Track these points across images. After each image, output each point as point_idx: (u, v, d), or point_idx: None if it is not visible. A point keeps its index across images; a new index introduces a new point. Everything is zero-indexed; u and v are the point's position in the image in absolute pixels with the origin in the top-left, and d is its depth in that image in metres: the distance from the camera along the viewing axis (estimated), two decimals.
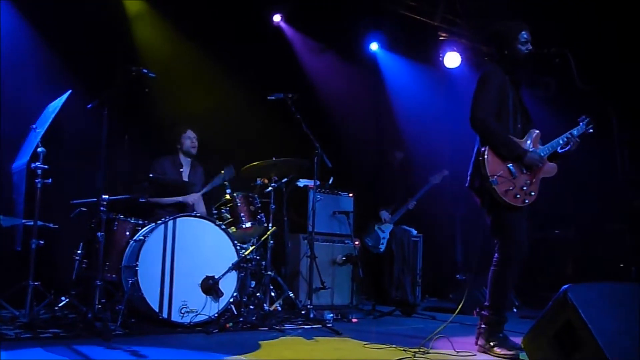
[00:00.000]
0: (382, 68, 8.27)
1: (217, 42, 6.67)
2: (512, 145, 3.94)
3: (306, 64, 7.57)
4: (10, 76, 5.35)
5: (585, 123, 4.16)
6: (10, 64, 5.22)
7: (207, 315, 4.61)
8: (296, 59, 7.54)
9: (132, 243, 4.82)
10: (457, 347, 3.92)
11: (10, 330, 4.04)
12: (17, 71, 5.43)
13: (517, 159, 3.94)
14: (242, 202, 5.25)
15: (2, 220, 4.75)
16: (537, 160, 3.95)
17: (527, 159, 3.93)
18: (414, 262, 6.69)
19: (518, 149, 3.94)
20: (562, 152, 4.08)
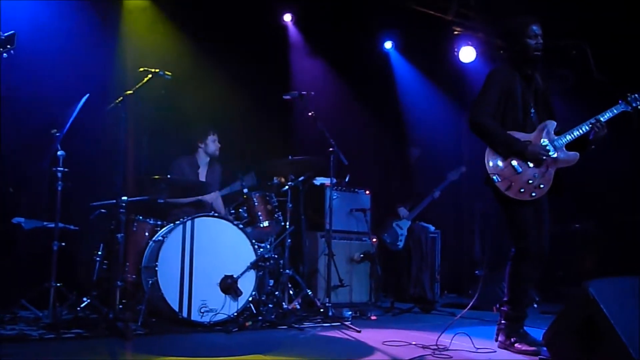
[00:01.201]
0: (396, 65, 8.24)
1: (232, 42, 6.69)
2: (509, 143, 3.92)
3: (319, 62, 7.55)
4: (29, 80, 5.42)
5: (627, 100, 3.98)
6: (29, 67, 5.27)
7: (227, 314, 4.64)
8: (310, 57, 7.53)
9: (151, 244, 4.86)
10: (477, 343, 3.91)
11: (34, 331, 4.11)
12: (36, 74, 5.50)
13: (518, 155, 3.91)
14: (259, 202, 5.26)
15: (24, 223, 4.83)
16: (538, 152, 3.91)
17: (528, 154, 3.91)
18: (432, 258, 6.67)
19: (517, 145, 3.91)
20: (593, 138, 4.02)
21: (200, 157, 5.80)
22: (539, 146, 3.93)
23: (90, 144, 5.56)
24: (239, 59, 6.66)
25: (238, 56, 6.65)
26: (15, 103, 5.42)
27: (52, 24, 5.66)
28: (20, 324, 4.37)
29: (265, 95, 6.61)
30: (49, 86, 5.53)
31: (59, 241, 4.52)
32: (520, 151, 3.90)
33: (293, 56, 7.40)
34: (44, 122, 4.73)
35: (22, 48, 3.53)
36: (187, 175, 5.63)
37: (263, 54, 7.03)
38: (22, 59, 3.64)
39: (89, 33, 5.87)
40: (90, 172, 5.47)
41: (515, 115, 4.01)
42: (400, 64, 8.22)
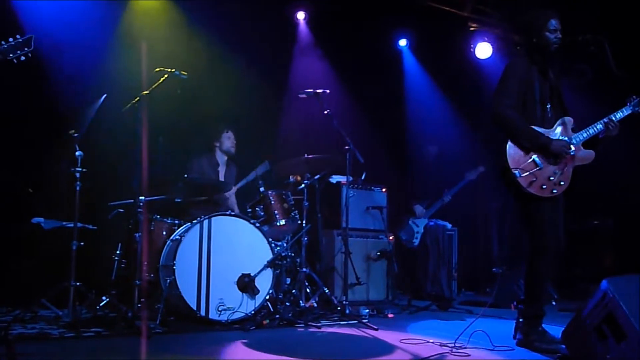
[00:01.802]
0: (412, 62, 8.21)
1: (247, 41, 6.71)
2: (533, 137, 3.88)
3: (334, 60, 7.54)
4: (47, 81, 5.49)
5: (634, 104, 4.01)
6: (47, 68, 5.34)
7: (244, 313, 4.66)
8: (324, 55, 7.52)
9: (169, 243, 4.90)
10: (495, 341, 3.88)
11: (54, 330, 4.16)
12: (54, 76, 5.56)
13: (541, 149, 3.88)
14: (275, 200, 5.28)
15: (43, 223, 4.88)
16: (563, 148, 3.87)
17: (553, 148, 3.87)
18: (449, 256, 6.64)
19: (540, 139, 3.87)
20: (602, 137, 3.99)
21: (218, 156, 5.86)
22: (563, 141, 3.90)
23: (108, 144, 5.61)
24: (253, 57, 6.68)
25: (252, 55, 6.67)
26: (33, 104, 5.49)
27: (70, 24, 5.71)
28: (40, 322, 4.43)
29: (281, 93, 6.63)
30: (66, 87, 5.59)
31: (78, 241, 4.57)
32: (545, 145, 3.86)
33: (307, 54, 7.39)
34: (62, 123, 4.78)
35: (40, 49, 3.56)
36: (207, 173, 5.68)
37: (277, 53, 7.04)
38: (40, 60, 3.67)
39: (105, 33, 5.92)
40: (108, 172, 5.52)
41: (532, 109, 3.98)
42: (416, 61, 8.19)
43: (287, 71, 7.19)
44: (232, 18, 6.55)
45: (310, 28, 7.45)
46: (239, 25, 6.62)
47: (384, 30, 7.85)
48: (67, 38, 5.63)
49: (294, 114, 6.89)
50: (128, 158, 4.81)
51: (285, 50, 7.28)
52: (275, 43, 7.02)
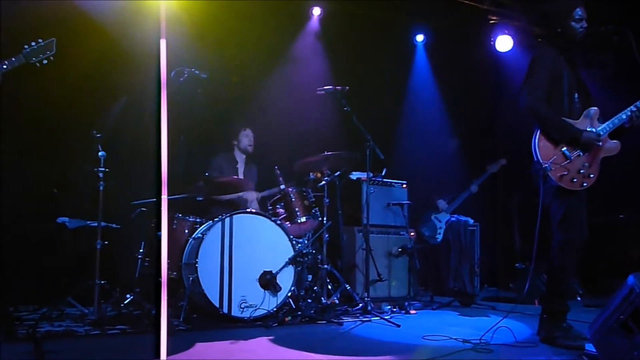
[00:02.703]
0: (431, 56, 8.15)
1: (267, 37, 6.72)
2: (564, 127, 3.83)
3: (355, 56, 7.52)
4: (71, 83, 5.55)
5: None
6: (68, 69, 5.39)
7: (266, 310, 4.68)
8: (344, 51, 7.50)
9: (191, 241, 4.94)
10: (519, 337, 3.86)
11: (80, 327, 4.22)
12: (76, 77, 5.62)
13: (572, 141, 3.82)
14: (296, 197, 5.29)
15: (68, 222, 4.95)
16: (593, 139, 3.82)
17: (583, 139, 3.81)
18: (471, 251, 6.59)
19: (571, 130, 3.82)
20: (628, 127, 3.92)
21: (237, 154, 5.90)
22: (594, 133, 3.84)
23: (130, 144, 5.66)
24: (275, 53, 6.69)
25: (274, 51, 6.68)
26: (57, 106, 5.56)
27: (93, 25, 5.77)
28: (67, 320, 4.51)
29: (300, 90, 6.63)
30: (89, 88, 5.65)
31: (102, 240, 4.62)
32: (576, 137, 3.81)
33: (325, 49, 7.37)
34: (85, 124, 4.84)
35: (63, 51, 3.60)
36: (226, 172, 5.71)
37: (295, 48, 7.04)
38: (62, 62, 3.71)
39: (126, 34, 5.96)
40: (130, 172, 5.57)
41: (560, 100, 3.92)
42: (435, 55, 8.13)
43: (306, 67, 7.17)
44: (248, 13, 6.55)
45: (324, 23, 7.40)
46: (257, 21, 6.63)
47: (402, 23, 7.78)
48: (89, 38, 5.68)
49: (313, 111, 6.88)
50: (150, 157, 4.85)
51: (304, 47, 7.27)
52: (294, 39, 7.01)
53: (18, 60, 3.39)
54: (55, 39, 3.50)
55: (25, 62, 3.40)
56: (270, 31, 6.73)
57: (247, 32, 6.57)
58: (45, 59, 3.46)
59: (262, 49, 6.73)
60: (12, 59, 3.37)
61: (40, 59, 3.45)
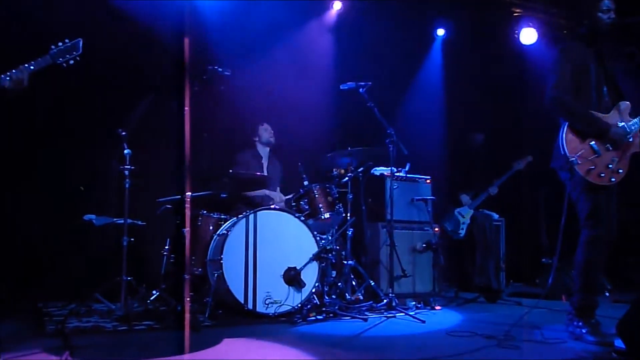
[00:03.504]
0: (453, 50, 8.08)
1: (287, 33, 6.72)
2: (592, 121, 3.77)
3: (377, 51, 7.48)
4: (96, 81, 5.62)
5: None
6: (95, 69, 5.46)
7: (291, 306, 4.69)
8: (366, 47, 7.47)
9: (215, 237, 4.97)
10: (547, 334, 3.81)
11: (107, 323, 4.27)
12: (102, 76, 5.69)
13: (600, 135, 3.76)
14: (319, 193, 5.28)
15: (95, 220, 5.02)
16: (622, 134, 3.76)
17: (612, 134, 3.75)
18: (496, 246, 6.53)
19: (600, 124, 3.76)
20: None
21: (260, 149, 5.93)
22: (622, 127, 3.78)
23: (155, 141, 5.72)
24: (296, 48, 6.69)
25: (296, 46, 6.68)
26: (83, 105, 5.64)
27: (117, 25, 5.83)
28: (94, 316, 4.56)
29: (322, 86, 6.63)
30: (114, 87, 5.72)
31: (128, 237, 4.67)
32: (604, 131, 3.75)
33: (346, 44, 7.34)
34: (111, 122, 4.89)
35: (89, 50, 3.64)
36: (252, 167, 5.75)
37: (315, 44, 7.03)
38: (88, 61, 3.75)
39: (150, 33, 6.01)
40: (155, 169, 5.63)
41: (589, 93, 3.86)
42: (458, 48, 8.05)
43: (328, 63, 7.16)
44: (266, 9, 6.56)
45: (344, 17, 7.36)
46: (278, 18, 6.63)
47: (423, 17, 7.72)
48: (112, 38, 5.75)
49: (336, 107, 6.87)
50: (174, 154, 4.90)
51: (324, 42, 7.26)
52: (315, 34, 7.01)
53: (45, 61, 3.42)
54: (82, 38, 3.52)
55: (51, 62, 3.43)
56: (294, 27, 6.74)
57: (270, 29, 6.59)
58: (71, 59, 3.48)
59: (286, 44, 6.74)
60: (38, 60, 3.40)
61: (67, 59, 3.47)
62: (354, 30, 7.31)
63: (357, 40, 7.28)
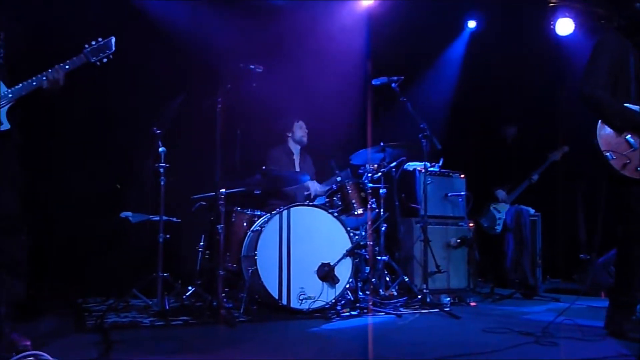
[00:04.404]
0: (486, 41, 7.96)
1: (318, 29, 6.72)
2: (628, 116, 3.67)
3: (406, 45, 7.42)
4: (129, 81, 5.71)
5: None
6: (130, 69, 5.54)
7: (325, 302, 4.70)
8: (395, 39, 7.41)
9: (249, 233, 5.01)
10: (585, 331, 3.74)
11: (145, 318, 4.35)
12: (137, 75, 5.78)
13: (636, 128, 3.67)
14: (352, 189, 5.28)
15: (131, 217, 5.10)
16: None
17: None
18: (533, 242, 6.43)
19: (634, 117, 3.67)
20: None
21: (292, 146, 5.94)
22: None
23: (189, 139, 5.79)
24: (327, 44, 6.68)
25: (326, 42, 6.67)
26: (118, 104, 5.73)
27: (147, 24, 5.91)
28: (132, 311, 4.65)
29: (353, 82, 6.61)
30: (147, 86, 5.80)
31: (164, 233, 4.74)
32: (639, 125, 3.67)
33: (376, 39, 7.30)
34: (145, 120, 4.96)
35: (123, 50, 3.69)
36: (284, 164, 5.77)
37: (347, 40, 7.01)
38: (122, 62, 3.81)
39: (181, 32, 6.08)
40: (190, 167, 5.70)
41: (627, 87, 3.76)
42: (491, 40, 7.93)
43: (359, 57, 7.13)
44: (299, 5, 6.57)
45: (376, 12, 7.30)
46: (309, 14, 6.64)
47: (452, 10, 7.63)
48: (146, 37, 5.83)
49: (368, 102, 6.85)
50: (208, 152, 4.95)
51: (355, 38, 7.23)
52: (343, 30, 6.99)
53: (79, 60, 3.47)
54: (114, 37, 3.57)
55: (86, 61, 3.48)
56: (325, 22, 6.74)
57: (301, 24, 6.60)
58: (105, 58, 3.53)
59: (317, 39, 6.74)
60: (73, 59, 3.45)
61: (100, 58, 3.51)
62: (385, 25, 7.26)
63: (389, 34, 7.23)
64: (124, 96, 5.73)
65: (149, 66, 5.83)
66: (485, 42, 7.91)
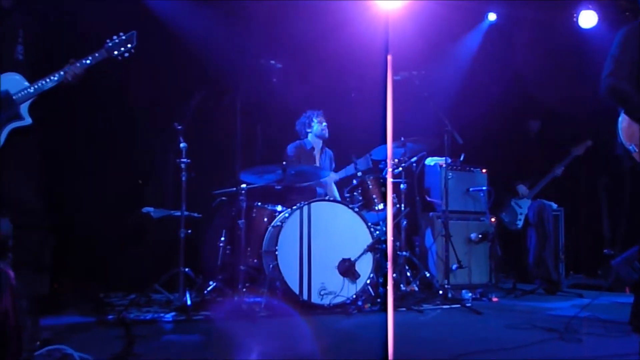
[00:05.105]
0: (509, 34, 7.87)
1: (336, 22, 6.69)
2: None
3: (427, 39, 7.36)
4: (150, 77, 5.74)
5: None
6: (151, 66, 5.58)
7: (345, 297, 4.69)
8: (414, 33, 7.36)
9: (270, 229, 5.01)
10: (609, 327, 3.69)
11: (166, 313, 4.37)
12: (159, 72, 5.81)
13: None
14: (373, 184, 5.25)
15: (153, 212, 5.14)
16: None
17: None
18: (555, 237, 6.36)
19: None
20: None
21: (313, 141, 5.93)
22: None
23: (210, 135, 5.81)
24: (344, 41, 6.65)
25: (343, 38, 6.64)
26: (140, 100, 5.77)
27: (170, 21, 5.94)
28: (154, 306, 4.68)
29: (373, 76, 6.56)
30: (168, 82, 5.83)
31: (185, 229, 4.76)
32: None
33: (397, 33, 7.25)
34: (166, 116, 4.99)
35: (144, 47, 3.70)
36: (304, 158, 5.77)
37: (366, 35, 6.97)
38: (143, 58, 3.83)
39: (202, 29, 6.10)
40: (210, 162, 5.72)
41: None
42: (512, 32, 7.83)
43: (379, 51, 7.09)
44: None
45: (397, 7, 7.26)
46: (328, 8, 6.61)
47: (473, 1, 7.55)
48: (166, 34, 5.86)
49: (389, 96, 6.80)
50: (228, 147, 4.96)
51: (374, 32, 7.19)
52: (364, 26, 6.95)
53: (101, 55, 3.48)
54: (136, 31, 3.58)
55: (107, 56, 3.50)
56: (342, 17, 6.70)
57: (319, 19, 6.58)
58: (126, 52, 3.54)
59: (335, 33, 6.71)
60: (95, 54, 3.47)
61: (122, 53, 3.52)
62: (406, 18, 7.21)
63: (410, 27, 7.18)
64: (145, 92, 5.76)
65: (170, 62, 5.86)
66: (507, 35, 7.81)
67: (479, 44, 7.87)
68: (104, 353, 3.09)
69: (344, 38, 6.72)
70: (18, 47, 3.38)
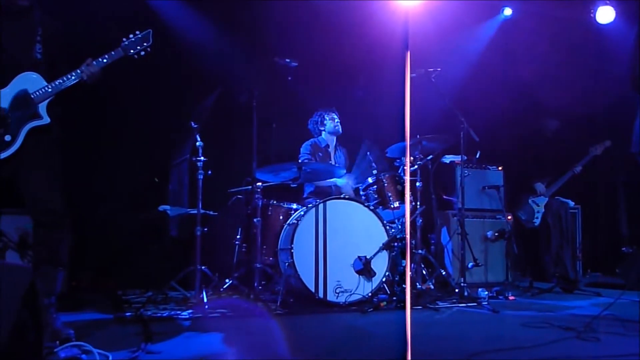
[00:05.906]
0: (523, 30, 7.80)
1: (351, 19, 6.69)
2: None
3: (443, 38, 7.33)
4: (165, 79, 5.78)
5: None
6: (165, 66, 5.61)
7: (361, 295, 4.69)
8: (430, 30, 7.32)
9: (286, 227, 5.02)
10: (628, 326, 3.65)
11: (183, 310, 4.40)
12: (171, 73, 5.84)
13: None
14: (388, 182, 5.24)
15: (169, 210, 5.17)
16: None
17: None
18: (573, 235, 6.31)
19: None
20: None
21: (327, 138, 5.93)
22: None
23: (226, 133, 5.83)
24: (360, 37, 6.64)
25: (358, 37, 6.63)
26: (156, 99, 5.81)
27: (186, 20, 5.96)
28: (171, 303, 4.71)
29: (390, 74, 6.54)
30: (185, 80, 5.86)
31: (201, 227, 4.78)
32: None
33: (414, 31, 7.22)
34: (183, 115, 5.01)
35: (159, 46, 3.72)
36: (319, 156, 5.78)
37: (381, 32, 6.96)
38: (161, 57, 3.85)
39: (219, 28, 6.12)
40: (226, 160, 5.74)
41: None
42: (528, 28, 7.76)
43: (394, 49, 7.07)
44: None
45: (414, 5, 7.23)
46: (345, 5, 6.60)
47: None
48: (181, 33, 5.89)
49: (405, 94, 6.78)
50: (244, 145, 4.98)
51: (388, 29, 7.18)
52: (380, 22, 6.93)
53: (117, 54, 3.49)
54: (151, 30, 3.58)
55: (123, 54, 3.50)
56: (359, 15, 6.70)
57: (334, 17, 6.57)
58: (142, 51, 3.54)
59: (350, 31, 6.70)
60: (111, 53, 3.47)
61: (138, 51, 3.52)
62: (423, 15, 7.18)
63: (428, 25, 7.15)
64: (162, 91, 5.80)
65: (187, 61, 5.89)
66: (524, 32, 7.75)
67: (495, 40, 7.82)
68: (122, 350, 3.12)
69: (360, 36, 6.72)
70: (36, 46, 3.39)
